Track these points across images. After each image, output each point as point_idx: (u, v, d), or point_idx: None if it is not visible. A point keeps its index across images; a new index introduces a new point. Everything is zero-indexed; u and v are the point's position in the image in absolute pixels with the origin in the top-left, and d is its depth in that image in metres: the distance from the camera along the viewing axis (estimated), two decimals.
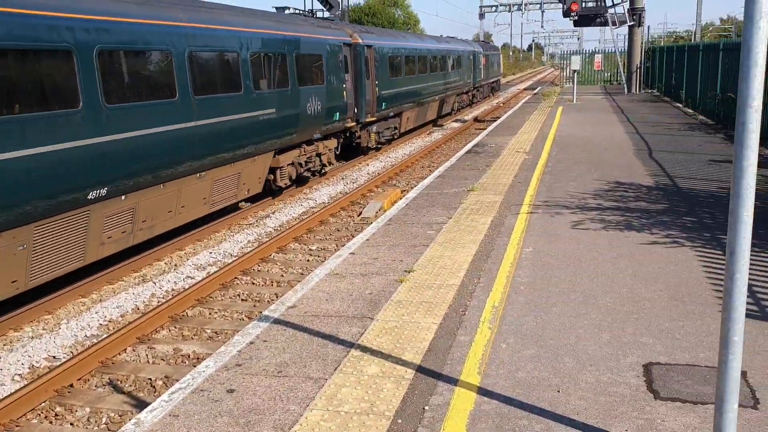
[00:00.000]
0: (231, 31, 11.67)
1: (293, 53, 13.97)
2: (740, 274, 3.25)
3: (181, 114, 10.11)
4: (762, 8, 3.04)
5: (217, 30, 11.29)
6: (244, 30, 12.14)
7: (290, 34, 14.04)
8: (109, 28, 8.87)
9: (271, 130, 12.91)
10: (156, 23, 9.78)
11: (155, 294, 9.08)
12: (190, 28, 10.49)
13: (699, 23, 60.59)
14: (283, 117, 13.34)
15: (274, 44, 13.23)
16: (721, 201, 9.64)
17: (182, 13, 10.51)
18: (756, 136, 3.14)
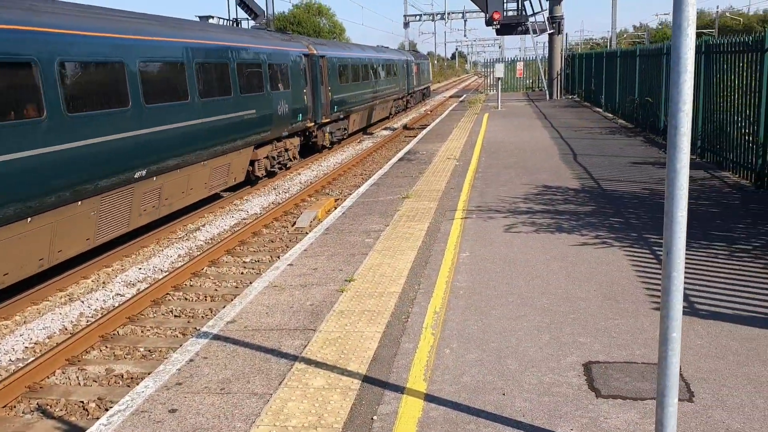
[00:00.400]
0: (226, 45, 14.54)
1: (267, 63, 16.61)
2: (677, 272, 3.37)
3: (193, 113, 12.68)
4: (690, 16, 3.16)
5: (217, 45, 14.17)
6: (233, 45, 14.89)
7: (264, 47, 16.74)
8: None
9: (252, 127, 15.47)
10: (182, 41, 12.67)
11: (84, 313, 8.75)
12: (198, 45, 13.27)
13: (614, 30, 62.92)
14: (260, 117, 15.88)
15: (254, 55, 15.93)
16: (644, 202, 10.00)
17: (189, 31, 13.29)
18: (687, 139, 3.26)
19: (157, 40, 11.71)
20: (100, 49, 10.14)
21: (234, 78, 14.56)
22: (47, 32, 9.09)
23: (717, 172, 12.26)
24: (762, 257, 7.08)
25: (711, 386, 4.44)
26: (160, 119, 11.45)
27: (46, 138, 8.78)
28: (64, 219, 9.33)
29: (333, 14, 71.09)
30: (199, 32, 13.60)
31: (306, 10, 68.77)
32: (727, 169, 12.22)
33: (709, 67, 13.12)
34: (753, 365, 4.71)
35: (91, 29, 10.05)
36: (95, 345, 7.69)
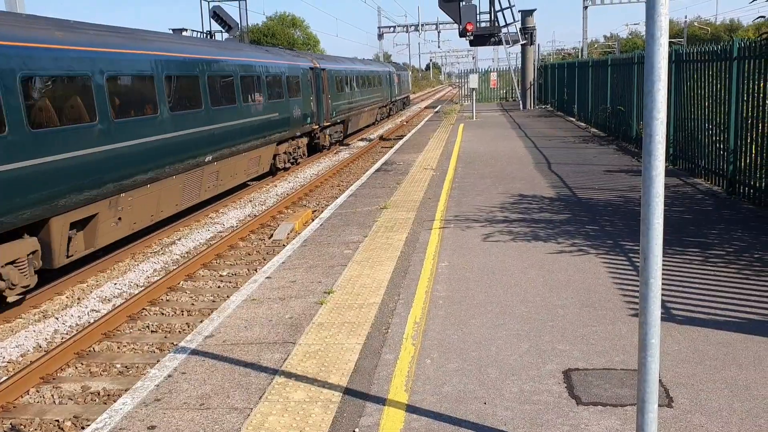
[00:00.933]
0: (259, 62, 18.44)
1: (285, 75, 20.41)
2: (654, 279, 3.40)
3: (239, 115, 16.39)
4: (663, 26, 3.22)
5: (254, 62, 18.06)
6: (264, 62, 18.85)
7: (283, 62, 20.49)
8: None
9: (276, 127, 19.10)
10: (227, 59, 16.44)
11: (58, 330, 8.61)
12: (242, 62, 17.14)
13: (585, 40, 63.76)
14: (282, 119, 19.60)
15: (277, 70, 19.75)
16: (619, 209, 10.11)
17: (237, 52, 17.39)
18: (662, 147, 3.30)
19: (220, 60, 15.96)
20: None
21: (265, 88, 18.45)
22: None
23: (689, 179, 12.44)
24: (735, 262, 7.18)
25: (689, 391, 4.49)
26: (220, 119, 15.28)
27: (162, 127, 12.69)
28: (165, 188, 12.74)
29: (307, 26, 71.14)
30: (241, 52, 17.79)
31: (280, 22, 68.76)
32: (699, 176, 12.40)
33: (679, 76, 13.34)
34: (730, 369, 4.77)
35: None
36: (70, 362, 7.57)
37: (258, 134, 17.45)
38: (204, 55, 14.83)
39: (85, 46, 10.37)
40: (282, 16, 70.62)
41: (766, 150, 9.50)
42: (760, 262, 7.13)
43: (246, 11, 28.20)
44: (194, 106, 13.87)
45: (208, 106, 14.48)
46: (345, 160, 22.76)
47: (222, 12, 28.36)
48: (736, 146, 10.57)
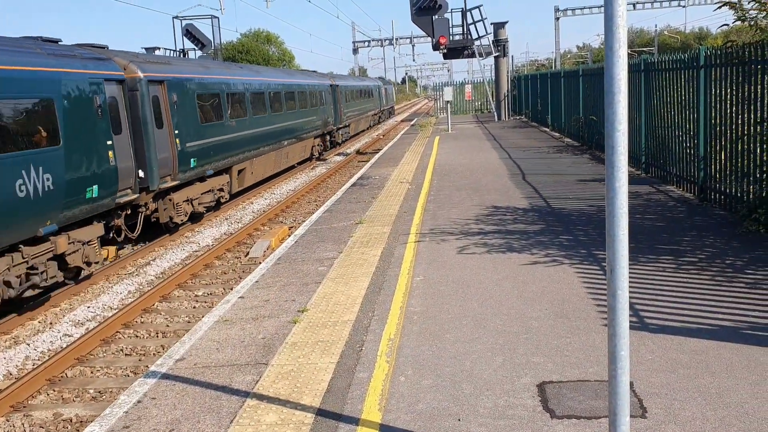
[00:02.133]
0: (309, 83, 27.48)
1: (319, 90, 28.94)
2: (622, 290, 3.39)
3: (299, 116, 25.01)
4: (621, 38, 3.23)
5: (308, 83, 27.31)
6: (310, 82, 27.42)
7: (317, 82, 28.66)
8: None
9: (315, 126, 27.45)
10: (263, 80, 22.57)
11: (29, 356, 8.45)
12: (301, 83, 26.61)
13: (558, 51, 64.48)
14: (318, 120, 27.88)
15: (315, 87, 28.30)
16: (592, 218, 10.16)
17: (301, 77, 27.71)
18: (625, 158, 3.31)
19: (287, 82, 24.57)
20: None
21: (313, 99, 27.52)
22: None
23: (662, 186, 12.55)
24: (708, 269, 7.23)
25: (663, 401, 4.48)
26: (290, 119, 23.56)
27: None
28: (268, 158, 21.19)
29: (282, 42, 71.23)
30: (301, 75, 27.57)
31: (255, 38, 68.75)
32: (671, 183, 12.52)
33: (649, 84, 13.49)
34: (703, 377, 4.78)
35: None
36: (42, 389, 7.42)
37: (306, 130, 25.58)
38: (285, 80, 23.58)
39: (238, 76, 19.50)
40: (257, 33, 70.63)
41: (735, 156, 9.62)
42: (732, 269, 7.19)
43: (219, 28, 28.15)
44: (278, 110, 22.02)
45: (285, 110, 22.63)
46: (322, 176, 22.72)
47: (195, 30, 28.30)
48: (706, 153, 10.69)
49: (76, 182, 10.73)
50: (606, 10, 3.24)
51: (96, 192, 11.37)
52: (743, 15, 9.23)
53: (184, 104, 15.13)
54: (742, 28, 9.60)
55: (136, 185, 12.86)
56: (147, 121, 13.26)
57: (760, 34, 8.99)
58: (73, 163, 10.70)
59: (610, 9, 3.21)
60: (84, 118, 11.20)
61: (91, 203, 11.23)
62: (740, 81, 9.34)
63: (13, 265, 9.36)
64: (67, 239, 10.46)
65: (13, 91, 9.56)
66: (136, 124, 13.13)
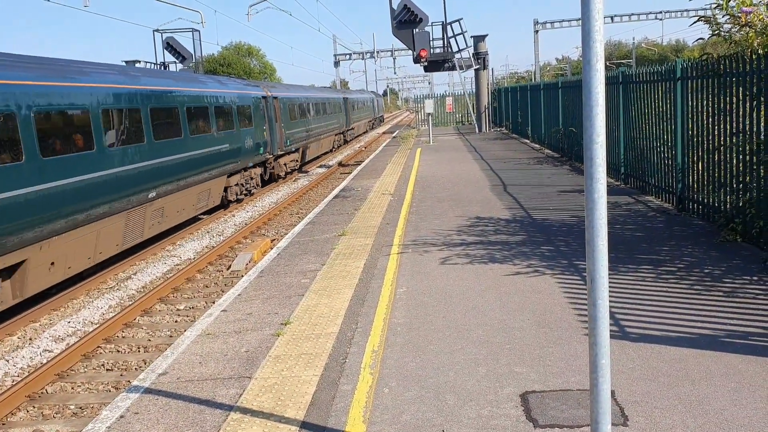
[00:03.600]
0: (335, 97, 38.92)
1: (341, 101, 40.84)
2: (602, 300, 3.44)
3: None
4: (598, 52, 3.30)
5: (331, 96, 37.54)
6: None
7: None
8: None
9: (337, 127, 37.05)
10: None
11: (8, 373, 8.35)
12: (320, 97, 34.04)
13: (537, 63, 65.08)
14: (340, 123, 36.98)
15: (336, 99, 38.74)
16: (573, 229, 10.25)
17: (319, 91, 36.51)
18: (603, 170, 3.37)
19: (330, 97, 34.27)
20: None
21: (342, 108, 38.16)
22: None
23: (641, 196, 12.70)
24: (687, 278, 7.33)
25: (644, 409, 4.53)
26: (319, 124, 29.11)
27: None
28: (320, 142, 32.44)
29: (263, 55, 71.29)
30: (320, 90, 32.97)
31: (236, 51, 68.74)
32: (650, 194, 12.67)
33: (627, 96, 13.67)
34: (683, 386, 4.84)
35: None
36: (21, 405, 7.34)
37: (332, 128, 28.07)
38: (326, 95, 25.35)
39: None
40: (238, 46, 70.67)
41: (712, 167, 9.76)
42: (710, 277, 7.29)
43: (200, 41, 28.13)
44: (325, 113, 24.13)
45: (328, 114, 24.64)
46: (304, 188, 22.71)
47: (175, 43, 28.24)
48: (684, 163, 10.84)
49: (256, 145, 21.48)
50: (583, 26, 3.31)
51: (261, 151, 22.14)
52: (718, 29, 9.41)
53: (285, 110, 26.04)
54: (718, 41, 9.78)
55: (270, 151, 23.57)
56: (272, 118, 24.05)
57: (734, 47, 9.16)
58: (256, 135, 21.57)
59: (588, 25, 3.28)
60: (257, 115, 22.05)
61: (260, 156, 22.01)
62: (716, 93, 9.50)
63: (242, 178, 20.31)
64: (253, 171, 21.52)
65: (245, 101, 20.96)
66: (269, 120, 23.61)
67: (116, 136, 12.55)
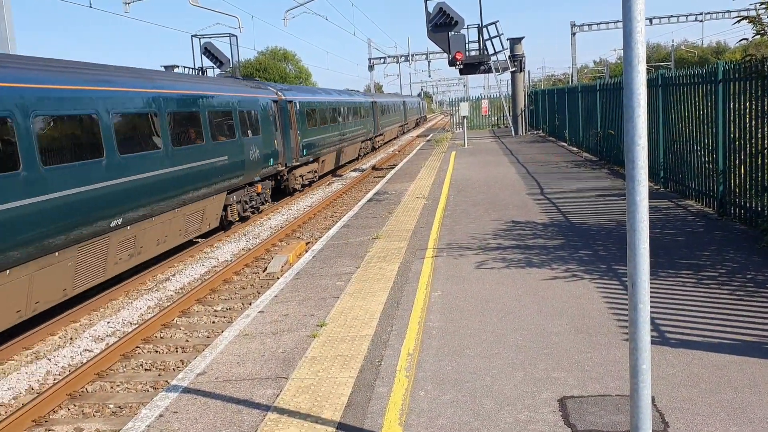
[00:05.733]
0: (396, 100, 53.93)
1: (402, 104, 58.51)
2: (643, 304, 3.39)
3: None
4: (640, 53, 3.25)
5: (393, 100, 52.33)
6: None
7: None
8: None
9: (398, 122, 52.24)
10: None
11: (51, 371, 8.53)
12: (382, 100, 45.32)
13: (575, 66, 64.42)
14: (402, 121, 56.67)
15: (395, 103, 53.11)
16: (612, 233, 10.12)
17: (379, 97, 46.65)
18: (645, 172, 3.32)
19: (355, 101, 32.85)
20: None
21: (370, 112, 37.40)
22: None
23: (681, 201, 12.48)
24: (728, 284, 7.17)
25: (685, 415, 4.45)
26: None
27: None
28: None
29: (299, 60, 71.86)
30: (345, 93, 31.24)
31: (272, 56, 69.39)
32: (690, 198, 12.45)
33: (667, 99, 13.45)
34: (725, 392, 4.74)
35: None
36: (63, 404, 7.48)
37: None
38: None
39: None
40: (274, 51, 71.33)
41: (755, 170, 9.55)
42: (753, 283, 7.13)
43: (237, 47, 28.44)
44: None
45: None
46: (338, 191, 22.80)
47: (213, 48, 28.60)
48: (726, 167, 10.63)
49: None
50: (625, 27, 3.27)
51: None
52: (762, 29, 9.20)
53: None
54: (762, 41, 9.56)
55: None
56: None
57: None
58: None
59: (629, 26, 3.24)
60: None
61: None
62: (760, 95, 9.30)
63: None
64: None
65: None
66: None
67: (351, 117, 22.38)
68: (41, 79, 9.72)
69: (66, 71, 10.57)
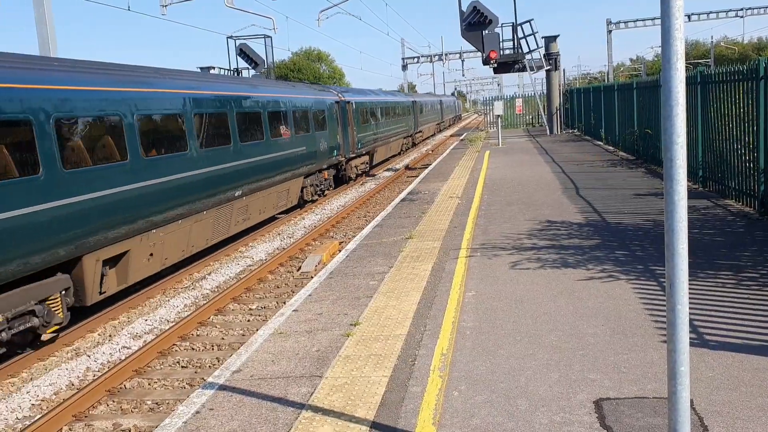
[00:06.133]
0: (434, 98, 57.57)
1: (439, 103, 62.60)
2: (681, 305, 3.34)
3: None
4: (678, 50, 3.20)
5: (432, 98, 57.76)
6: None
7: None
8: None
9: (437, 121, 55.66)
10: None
11: (90, 368, 8.70)
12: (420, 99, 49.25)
13: (611, 64, 63.57)
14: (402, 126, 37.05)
15: (433, 102, 56.74)
16: (649, 233, 9.97)
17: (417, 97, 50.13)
18: (684, 171, 3.27)
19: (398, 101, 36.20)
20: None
21: (410, 111, 40.11)
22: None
23: (720, 200, 12.24)
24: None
25: (725, 419, 4.37)
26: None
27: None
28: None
29: (332, 60, 72.16)
30: (390, 94, 33.25)
31: (306, 57, 69.81)
32: (730, 198, 12.20)
33: (706, 97, 13.21)
34: (766, 396, 4.64)
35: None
36: (102, 399, 7.62)
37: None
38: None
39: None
40: (308, 51, 71.75)
41: None
42: None
43: (272, 48, 28.67)
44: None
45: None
46: (371, 191, 22.85)
47: (248, 49, 28.87)
48: (767, 166, 10.39)
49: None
50: (663, 24, 3.22)
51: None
52: None
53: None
54: None
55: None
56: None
57: None
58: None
59: (668, 22, 3.19)
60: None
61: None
62: None
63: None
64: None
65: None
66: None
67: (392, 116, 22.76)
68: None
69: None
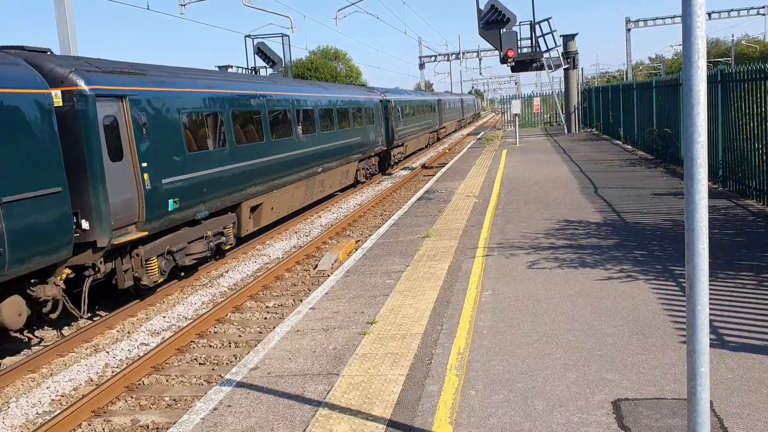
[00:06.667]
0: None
1: (461, 102, 68.13)
2: (701, 306, 3.31)
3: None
4: (700, 49, 3.17)
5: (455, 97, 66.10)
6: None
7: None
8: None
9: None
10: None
11: (109, 364, 8.77)
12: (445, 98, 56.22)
13: (629, 63, 63.11)
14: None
15: (455, 101, 62.42)
16: (668, 233, 9.89)
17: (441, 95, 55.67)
18: (704, 170, 3.24)
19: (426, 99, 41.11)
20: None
21: (436, 108, 45.12)
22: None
23: (740, 200, 12.12)
24: None
25: (745, 421, 4.32)
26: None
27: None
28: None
29: (349, 59, 72.23)
30: (419, 93, 40.33)
31: (323, 55, 69.94)
32: (750, 197, 12.07)
33: (726, 96, 13.08)
34: None
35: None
36: (120, 395, 7.69)
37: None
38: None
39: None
40: (325, 50, 71.87)
41: None
42: None
43: (289, 47, 28.76)
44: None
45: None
46: (387, 190, 22.85)
47: (266, 48, 28.99)
48: None
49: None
50: (684, 22, 3.19)
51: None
52: None
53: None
54: None
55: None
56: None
57: None
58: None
59: (689, 20, 3.16)
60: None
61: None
62: None
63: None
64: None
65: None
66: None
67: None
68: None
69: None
